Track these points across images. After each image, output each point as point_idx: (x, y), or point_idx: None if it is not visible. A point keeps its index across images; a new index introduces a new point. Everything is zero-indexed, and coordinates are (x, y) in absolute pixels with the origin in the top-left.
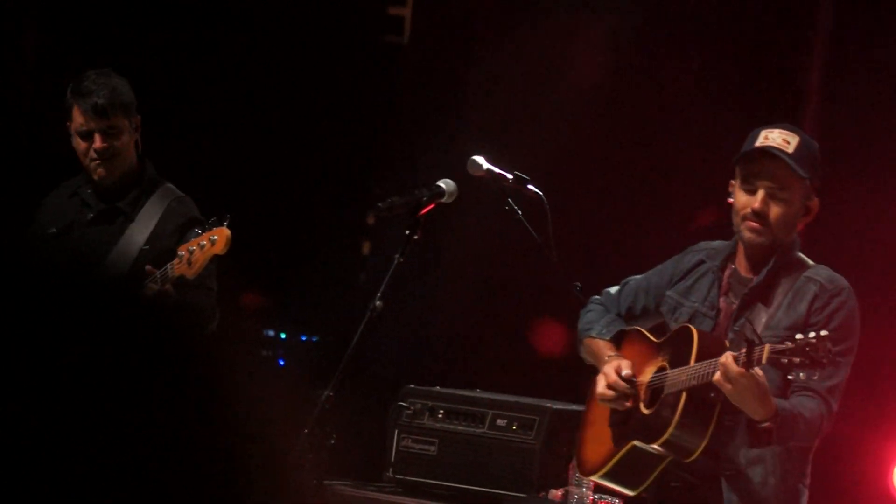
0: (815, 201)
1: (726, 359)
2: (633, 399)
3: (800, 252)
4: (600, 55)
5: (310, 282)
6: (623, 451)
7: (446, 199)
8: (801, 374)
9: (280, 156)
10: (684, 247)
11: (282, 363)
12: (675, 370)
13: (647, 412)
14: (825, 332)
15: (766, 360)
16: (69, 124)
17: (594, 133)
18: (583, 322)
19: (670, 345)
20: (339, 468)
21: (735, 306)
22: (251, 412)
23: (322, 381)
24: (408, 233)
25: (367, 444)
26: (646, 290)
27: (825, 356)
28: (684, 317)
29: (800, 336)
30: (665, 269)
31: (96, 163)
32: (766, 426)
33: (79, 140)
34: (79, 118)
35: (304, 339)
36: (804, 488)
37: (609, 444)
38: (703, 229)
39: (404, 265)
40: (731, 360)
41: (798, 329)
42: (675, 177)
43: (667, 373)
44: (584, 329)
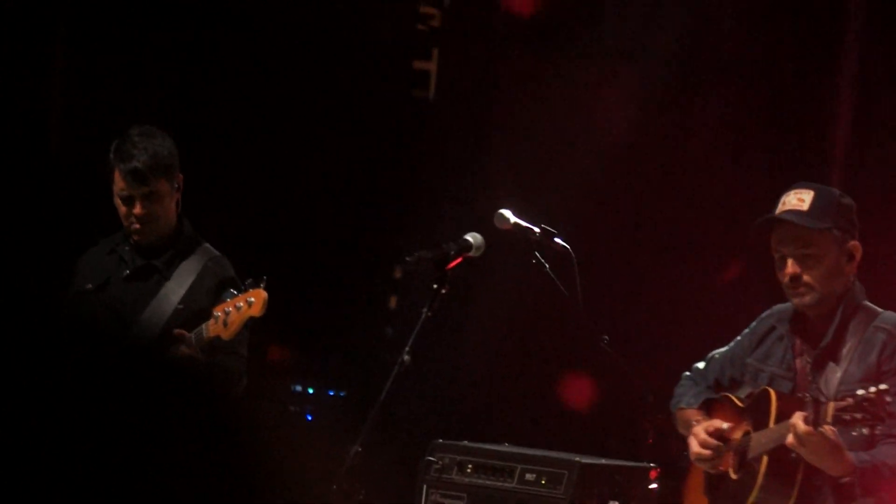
0: (852, 244)
1: (795, 419)
2: (724, 462)
3: (866, 301)
4: (625, 109)
5: (337, 336)
6: None
7: (474, 253)
8: (864, 430)
9: (307, 211)
10: (711, 300)
11: (309, 418)
12: (757, 433)
13: (734, 477)
14: (884, 386)
15: (831, 418)
16: (112, 185)
17: (620, 186)
18: (674, 397)
19: (752, 408)
20: None
21: (809, 366)
22: (274, 473)
23: (350, 436)
24: (435, 287)
25: (395, 499)
26: (731, 361)
27: (882, 409)
28: (764, 381)
29: (860, 391)
30: (744, 338)
31: (136, 227)
32: (846, 481)
33: (119, 203)
34: (119, 182)
35: (331, 393)
36: None
37: None
38: (730, 283)
39: (432, 319)
40: (800, 420)
41: (871, 380)
42: (702, 230)
43: (750, 436)
44: (674, 403)
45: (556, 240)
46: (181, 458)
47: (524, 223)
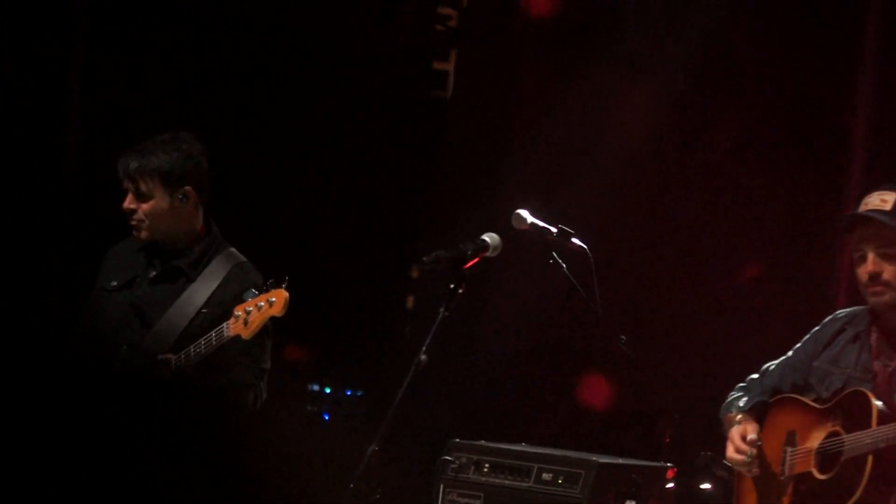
0: None
1: None
2: (759, 464)
3: None
4: (643, 112)
5: (354, 336)
6: None
7: (490, 253)
8: None
9: (326, 211)
10: (729, 300)
11: (326, 418)
12: (856, 434)
13: (822, 477)
14: None
15: None
16: None
17: (637, 187)
18: (725, 404)
19: (841, 410)
20: None
21: (892, 368)
22: (289, 476)
23: (367, 435)
24: (452, 287)
25: (412, 498)
26: (793, 366)
27: None
28: (837, 383)
29: None
30: (807, 343)
31: (131, 222)
32: None
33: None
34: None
35: (348, 393)
36: None
37: None
38: (747, 284)
39: (449, 319)
40: None
41: None
42: (718, 231)
43: (842, 437)
44: (724, 409)
45: (574, 240)
46: (171, 478)
47: (541, 223)
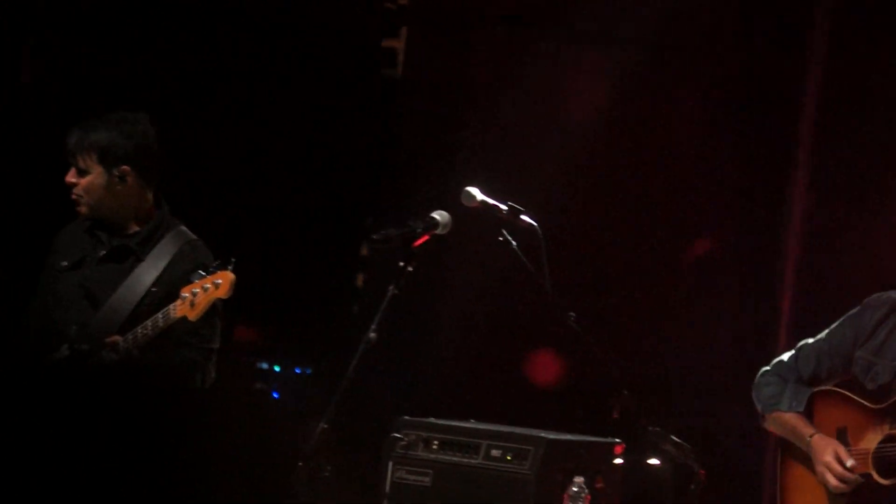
0: None
1: None
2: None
3: None
4: (597, 89)
5: (304, 314)
6: None
7: (440, 231)
8: None
9: (274, 188)
10: (680, 277)
11: (276, 396)
12: None
13: (886, 482)
14: None
15: None
16: None
17: (589, 164)
18: (764, 396)
19: None
20: (334, 500)
21: None
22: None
23: (316, 413)
24: (402, 264)
25: (361, 475)
26: (828, 353)
27: None
28: (885, 376)
29: None
30: (843, 328)
31: (72, 197)
32: None
33: None
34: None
35: (298, 371)
36: None
37: None
38: (697, 260)
39: (399, 297)
40: None
41: None
42: (669, 208)
43: None
44: (769, 404)
45: (523, 217)
46: (121, 457)
47: (491, 200)
